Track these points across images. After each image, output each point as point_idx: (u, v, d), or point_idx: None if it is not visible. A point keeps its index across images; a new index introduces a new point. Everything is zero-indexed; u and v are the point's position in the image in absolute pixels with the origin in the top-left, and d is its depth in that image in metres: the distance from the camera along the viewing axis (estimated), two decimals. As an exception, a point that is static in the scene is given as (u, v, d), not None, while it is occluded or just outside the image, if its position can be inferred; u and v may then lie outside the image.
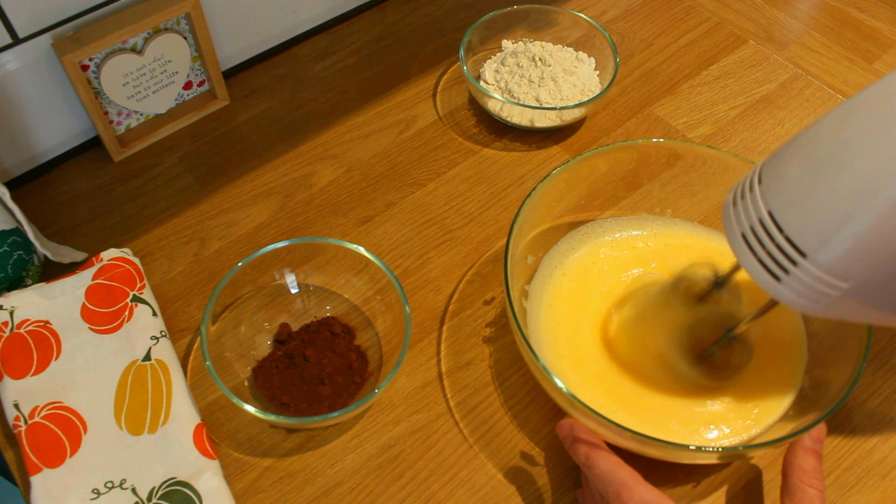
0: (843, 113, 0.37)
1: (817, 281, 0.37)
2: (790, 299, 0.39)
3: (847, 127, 0.36)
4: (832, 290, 0.37)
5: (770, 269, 0.39)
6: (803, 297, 0.38)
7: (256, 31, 0.74)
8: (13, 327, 0.55)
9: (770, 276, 0.39)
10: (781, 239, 0.38)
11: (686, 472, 0.53)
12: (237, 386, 0.55)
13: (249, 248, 0.64)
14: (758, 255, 0.39)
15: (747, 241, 0.39)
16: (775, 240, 0.38)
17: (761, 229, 0.38)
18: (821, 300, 0.38)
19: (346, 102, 0.74)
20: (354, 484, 0.52)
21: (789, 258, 0.38)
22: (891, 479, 0.53)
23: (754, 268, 0.39)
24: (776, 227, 0.38)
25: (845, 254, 0.36)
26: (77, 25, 0.61)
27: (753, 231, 0.39)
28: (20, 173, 0.67)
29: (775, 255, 0.38)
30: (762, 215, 0.38)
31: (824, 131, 0.38)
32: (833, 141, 0.37)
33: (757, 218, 0.39)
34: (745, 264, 0.40)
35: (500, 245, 0.64)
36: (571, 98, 0.70)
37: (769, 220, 0.38)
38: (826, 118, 0.38)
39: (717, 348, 0.50)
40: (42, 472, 0.50)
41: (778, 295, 0.39)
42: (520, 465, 0.53)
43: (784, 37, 0.80)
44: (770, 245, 0.38)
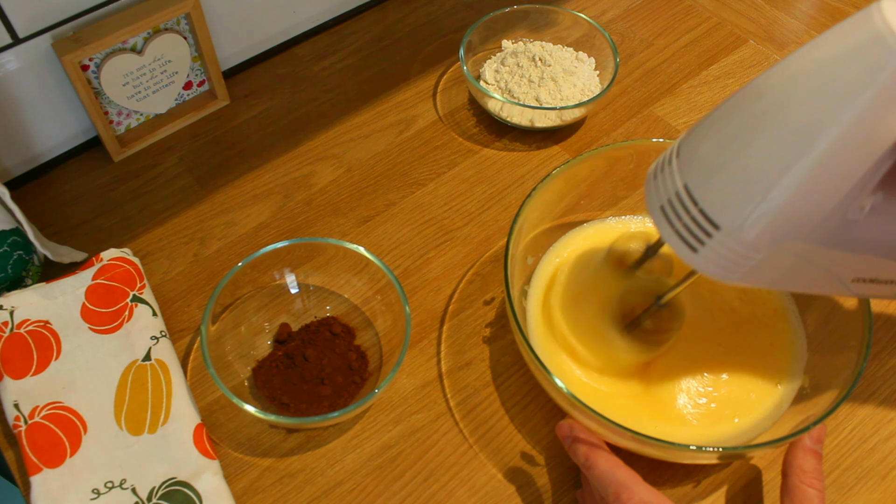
0: (754, 89, 0.38)
1: (731, 252, 0.39)
2: (707, 269, 0.40)
3: (757, 103, 0.37)
4: (745, 261, 0.39)
5: (687, 240, 0.40)
6: (719, 267, 0.40)
7: (256, 31, 0.74)
8: (13, 327, 0.55)
9: (687, 247, 0.40)
10: (696, 212, 0.39)
11: (686, 472, 0.53)
12: (237, 386, 0.55)
13: (249, 248, 0.64)
14: (675, 227, 0.40)
15: (665, 213, 0.41)
16: (690, 212, 0.39)
17: (678, 202, 0.40)
18: (736, 269, 0.40)
19: (346, 102, 0.74)
20: (354, 484, 0.52)
21: (704, 230, 0.39)
22: (891, 479, 0.53)
23: (673, 239, 0.41)
24: (691, 200, 0.39)
25: (756, 226, 0.37)
26: (77, 25, 0.61)
27: (671, 203, 0.40)
28: (20, 173, 0.67)
29: (691, 227, 0.39)
30: (678, 188, 0.40)
31: (736, 107, 0.39)
32: (743, 117, 0.38)
33: (674, 191, 0.40)
34: (664, 235, 0.41)
35: (500, 245, 0.64)
36: (571, 98, 0.70)
37: (685, 193, 0.39)
38: (738, 94, 0.39)
39: (647, 316, 0.51)
40: (42, 472, 0.50)
41: (696, 265, 0.41)
42: (520, 466, 0.53)
43: (784, 37, 0.80)
44: (686, 217, 0.40)
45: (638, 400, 0.52)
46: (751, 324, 0.55)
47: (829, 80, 0.34)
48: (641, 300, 0.52)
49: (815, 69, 0.35)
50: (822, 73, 0.35)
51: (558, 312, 0.54)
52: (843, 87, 0.34)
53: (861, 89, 0.33)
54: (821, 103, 0.35)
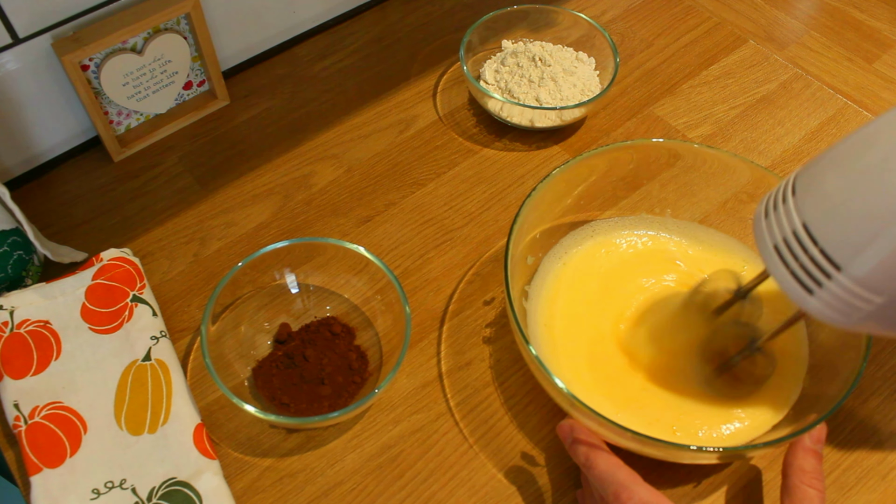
0: (883, 125, 0.37)
1: (850, 294, 0.37)
2: (822, 312, 0.39)
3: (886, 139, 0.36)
4: (865, 305, 0.37)
5: (803, 281, 0.39)
6: (835, 311, 0.38)
7: (256, 31, 0.74)
8: (13, 327, 0.55)
9: (802, 288, 0.39)
10: (816, 251, 0.37)
11: (686, 472, 0.53)
12: (237, 386, 0.55)
13: (249, 248, 0.64)
14: (790, 268, 0.39)
15: (780, 253, 0.39)
16: (809, 252, 0.38)
17: (795, 241, 0.38)
18: (853, 314, 0.38)
19: (346, 102, 0.74)
20: (354, 484, 0.52)
21: (823, 271, 0.37)
22: (891, 479, 0.53)
23: (786, 280, 0.39)
24: (810, 240, 0.38)
25: (880, 268, 0.36)
26: (77, 25, 0.61)
27: (787, 243, 0.39)
28: (20, 173, 0.67)
29: (809, 267, 0.38)
30: (796, 227, 0.38)
31: (862, 143, 0.37)
32: (872, 153, 0.36)
33: (791, 230, 0.38)
34: (776, 276, 0.40)
35: (500, 245, 0.64)
36: (571, 98, 0.70)
37: (803, 232, 0.38)
38: (864, 129, 0.38)
39: (740, 359, 0.49)
40: (42, 472, 0.50)
41: (809, 308, 0.39)
42: (520, 466, 0.53)
43: (784, 37, 0.80)
44: (804, 257, 0.38)
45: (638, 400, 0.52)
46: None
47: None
48: (733, 342, 0.50)
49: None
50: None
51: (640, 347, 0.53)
52: None
53: None
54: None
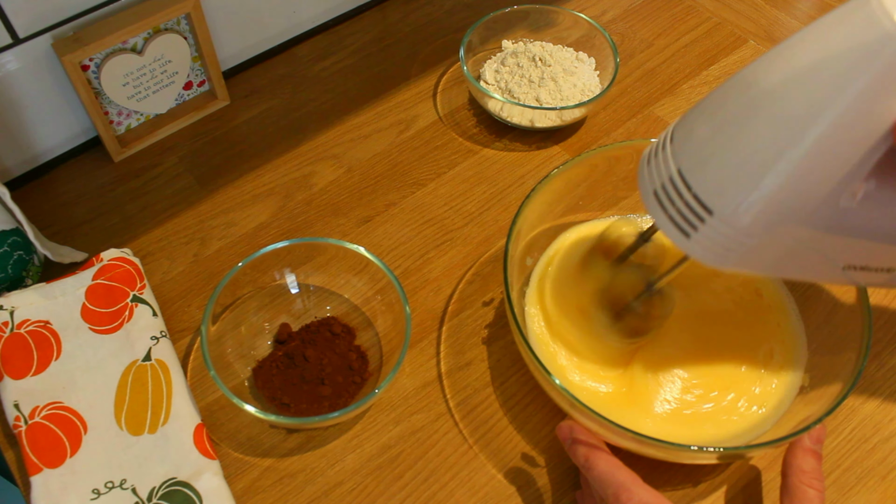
0: (749, 74, 0.38)
1: (724, 237, 0.39)
2: (700, 254, 0.40)
3: (751, 88, 0.37)
4: (738, 246, 0.39)
5: (680, 225, 0.40)
6: (712, 253, 0.40)
7: (256, 31, 0.74)
8: (13, 327, 0.55)
9: (680, 232, 0.40)
10: (689, 196, 0.39)
11: (686, 472, 0.53)
12: (237, 386, 0.55)
13: (249, 248, 0.64)
14: (668, 212, 0.40)
15: (658, 198, 0.41)
16: (684, 197, 0.39)
17: (671, 187, 0.40)
18: (728, 256, 0.40)
19: (346, 102, 0.74)
20: (355, 484, 0.52)
21: (697, 215, 0.39)
22: (891, 479, 0.53)
23: (666, 224, 0.41)
24: (685, 185, 0.39)
25: (749, 210, 0.37)
26: (77, 25, 0.61)
27: (664, 189, 0.40)
28: (20, 173, 0.67)
29: (684, 212, 0.39)
30: (672, 173, 0.40)
31: (730, 92, 0.39)
32: (738, 101, 0.38)
33: (667, 176, 0.40)
34: (657, 220, 0.41)
35: (499, 245, 0.64)
36: (571, 98, 0.70)
37: (678, 178, 0.39)
38: (733, 79, 0.39)
39: (639, 302, 0.51)
40: (42, 472, 0.50)
41: (688, 250, 0.41)
42: (519, 466, 0.53)
43: (784, 36, 0.80)
44: (679, 202, 0.40)
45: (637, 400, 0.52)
46: (750, 324, 0.55)
47: (824, 65, 0.34)
48: (632, 287, 0.52)
49: (810, 54, 0.35)
50: (818, 58, 0.35)
51: (549, 302, 0.54)
52: (838, 72, 0.34)
53: (856, 74, 0.33)
54: (815, 89, 0.35)
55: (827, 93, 0.34)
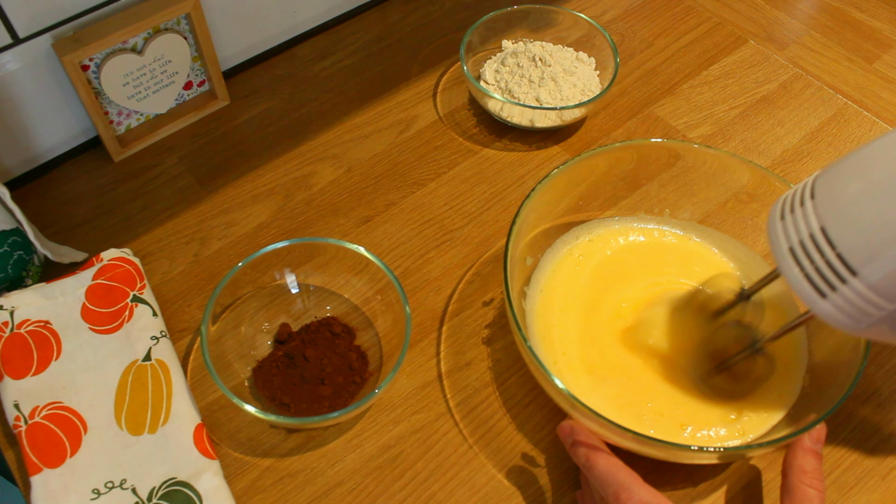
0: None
1: (863, 300, 0.37)
2: (832, 316, 0.39)
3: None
4: (877, 311, 0.38)
5: (817, 284, 0.39)
6: (846, 315, 0.38)
7: (256, 32, 0.74)
8: (13, 327, 0.55)
9: (815, 291, 0.39)
10: (832, 255, 0.37)
11: (686, 472, 0.53)
12: (237, 386, 0.55)
13: (249, 248, 0.64)
14: (805, 271, 0.39)
15: (795, 255, 0.39)
16: (825, 256, 0.38)
17: (811, 244, 0.38)
18: (863, 319, 0.38)
19: (346, 102, 0.74)
20: (355, 484, 0.52)
21: (838, 275, 0.38)
22: (891, 479, 0.53)
23: (799, 283, 0.39)
24: (827, 243, 0.38)
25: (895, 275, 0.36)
26: (77, 25, 0.61)
27: (803, 245, 0.39)
28: (20, 173, 0.67)
29: (824, 271, 0.38)
30: (814, 230, 0.38)
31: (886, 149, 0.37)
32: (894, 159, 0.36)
33: (808, 232, 0.39)
34: (789, 279, 0.40)
35: (499, 245, 0.64)
36: (571, 98, 0.70)
37: (821, 235, 0.38)
38: (889, 135, 0.38)
39: (740, 359, 0.50)
40: (42, 472, 0.50)
41: (820, 311, 0.39)
42: (520, 466, 0.53)
43: (784, 37, 0.80)
44: (819, 261, 0.38)
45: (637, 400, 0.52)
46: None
47: None
48: (734, 342, 0.50)
49: None
50: None
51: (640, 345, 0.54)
52: None
53: None
54: None
55: None
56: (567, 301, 0.56)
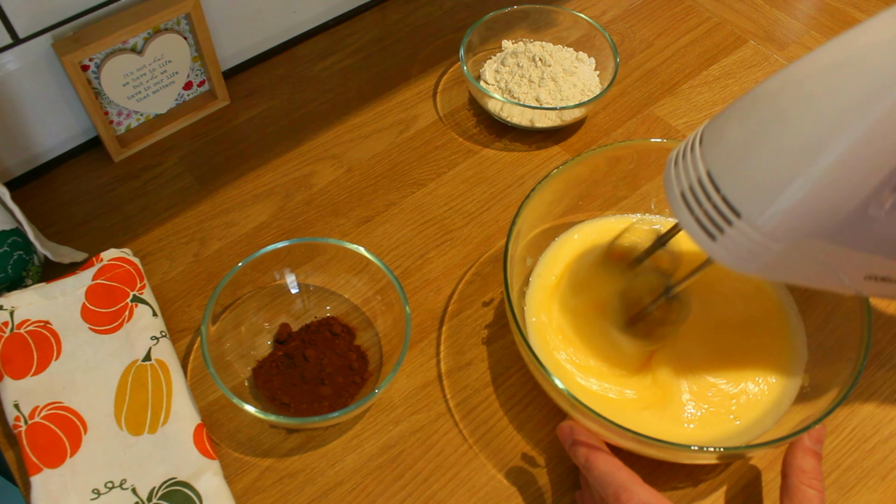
0: (784, 78, 0.38)
1: (751, 241, 0.38)
2: (725, 258, 0.40)
3: (787, 92, 0.37)
4: (764, 251, 0.39)
5: (706, 227, 0.40)
6: (737, 257, 0.39)
7: (256, 31, 0.74)
8: (13, 327, 0.55)
9: (706, 234, 0.40)
10: (718, 199, 0.39)
11: (686, 472, 0.53)
12: (237, 386, 0.55)
13: (249, 248, 0.64)
14: (695, 214, 0.40)
15: (685, 199, 0.40)
16: (712, 199, 0.39)
17: (699, 189, 0.40)
18: (753, 260, 0.39)
19: (346, 102, 0.74)
20: (355, 484, 0.52)
21: (725, 218, 0.39)
22: (891, 479, 0.53)
23: (691, 226, 0.41)
24: (713, 187, 0.39)
25: (778, 215, 0.37)
26: (77, 26, 0.61)
27: (692, 190, 0.40)
28: (20, 173, 0.67)
29: (712, 214, 0.39)
30: (701, 175, 0.39)
31: (765, 95, 0.38)
32: (773, 105, 0.38)
33: (696, 177, 0.40)
34: (682, 222, 0.41)
35: (499, 245, 0.64)
36: (571, 98, 0.70)
37: (707, 179, 0.39)
38: (767, 82, 0.39)
39: (655, 307, 0.51)
40: (42, 472, 0.50)
41: (713, 253, 0.40)
42: (520, 466, 0.53)
43: (784, 37, 0.80)
44: (707, 204, 0.39)
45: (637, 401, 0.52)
46: (750, 324, 0.55)
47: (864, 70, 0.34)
48: (647, 293, 0.51)
49: (849, 58, 0.35)
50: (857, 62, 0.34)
51: (558, 311, 0.54)
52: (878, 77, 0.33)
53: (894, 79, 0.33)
54: (853, 93, 0.34)
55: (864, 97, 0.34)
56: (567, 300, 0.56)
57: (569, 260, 0.58)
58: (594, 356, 0.53)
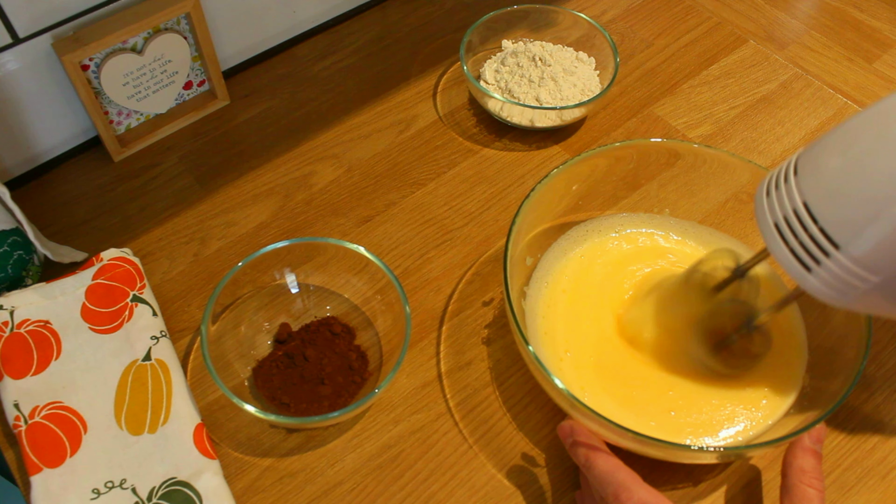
0: (885, 107, 0.37)
1: (848, 273, 0.38)
2: (819, 290, 0.39)
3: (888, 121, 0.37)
4: (861, 283, 0.38)
5: (802, 259, 0.39)
6: (832, 289, 0.39)
7: (256, 31, 0.74)
8: (13, 327, 0.55)
9: (801, 266, 0.39)
10: (815, 230, 0.38)
11: (686, 472, 0.53)
12: (237, 386, 0.55)
13: (249, 248, 0.64)
14: (790, 246, 0.39)
15: (780, 230, 0.40)
16: (809, 230, 0.38)
17: (795, 220, 0.39)
18: (849, 292, 0.39)
19: (346, 102, 0.74)
20: (354, 484, 0.52)
21: (822, 249, 0.38)
22: (891, 479, 0.53)
23: (785, 258, 0.40)
24: (811, 218, 0.38)
25: (878, 247, 0.36)
26: (77, 25, 0.61)
27: (787, 221, 0.39)
28: (20, 173, 0.67)
29: (808, 245, 0.39)
30: (797, 206, 0.39)
31: (864, 124, 0.38)
32: (873, 134, 0.37)
33: (791, 208, 0.39)
34: (776, 254, 0.40)
35: (499, 245, 0.64)
36: (571, 98, 0.70)
37: (804, 210, 0.38)
38: (867, 111, 0.38)
39: (737, 337, 0.50)
40: (42, 472, 0.50)
41: (807, 285, 0.40)
42: (519, 466, 0.53)
43: (784, 37, 0.80)
44: (803, 235, 0.39)
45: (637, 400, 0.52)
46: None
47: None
48: (729, 321, 0.50)
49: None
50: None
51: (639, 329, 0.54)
52: None
53: None
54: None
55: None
56: (567, 300, 0.56)
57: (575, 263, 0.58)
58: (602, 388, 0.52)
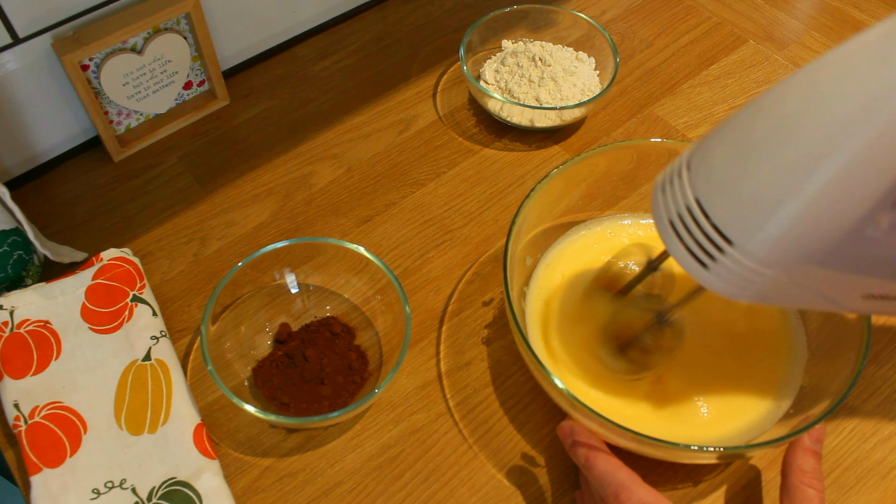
0: (772, 98, 0.37)
1: (743, 269, 0.37)
2: (717, 286, 0.39)
3: (774, 113, 0.36)
4: (758, 278, 0.37)
5: (697, 256, 0.39)
6: (729, 284, 0.38)
7: (256, 32, 0.74)
8: (13, 327, 0.55)
9: (697, 262, 0.39)
10: (708, 226, 0.37)
11: (686, 472, 0.53)
12: (237, 386, 0.55)
13: (249, 248, 0.64)
14: (685, 242, 0.39)
15: (674, 227, 0.39)
16: (702, 227, 0.38)
17: (688, 216, 0.38)
18: (747, 287, 0.38)
19: (346, 102, 0.74)
20: (354, 484, 0.52)
21: (716, 245, 0.37)
22: (891, 479, 0.53)
23: (681, 254, 0.39)
24: (703, 215, 0.38)
25: (771, 242, 0.36)
26: (77, 25, 0.61)
27: (681, 217, 0.39)
28: (20, 173, 0.67)
29: (702, 242, 0.38)
30: (689, 202, 0.38)
31: (751, 117, 0.37)
32: (759, 127, 0.36)
33: (684, 204, 0.38)
34: (672, 251, 0.40)
35: (499, 245, 0.64)
36: (571, 98, 0.70)
37: (696, 206, 0.38)
38: (754, 103, 0.37)
39: (648, 334, 0.50)
40: (42, 472, 0.50)
41: (705, 281, 0.39)
42: (519, 466, 0.53)
43: (784, 37, 0.80)
44: (697, 232, 0.38)
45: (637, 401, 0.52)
46: (750, 324, 0.55)
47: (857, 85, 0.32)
48: (639, 318, 0.50)
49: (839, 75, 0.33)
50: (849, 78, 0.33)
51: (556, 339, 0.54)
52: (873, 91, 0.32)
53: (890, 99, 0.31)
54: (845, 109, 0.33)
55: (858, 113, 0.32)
56: (567, 300, 0.56)
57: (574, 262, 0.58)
58: (596, 388, 0.52)
